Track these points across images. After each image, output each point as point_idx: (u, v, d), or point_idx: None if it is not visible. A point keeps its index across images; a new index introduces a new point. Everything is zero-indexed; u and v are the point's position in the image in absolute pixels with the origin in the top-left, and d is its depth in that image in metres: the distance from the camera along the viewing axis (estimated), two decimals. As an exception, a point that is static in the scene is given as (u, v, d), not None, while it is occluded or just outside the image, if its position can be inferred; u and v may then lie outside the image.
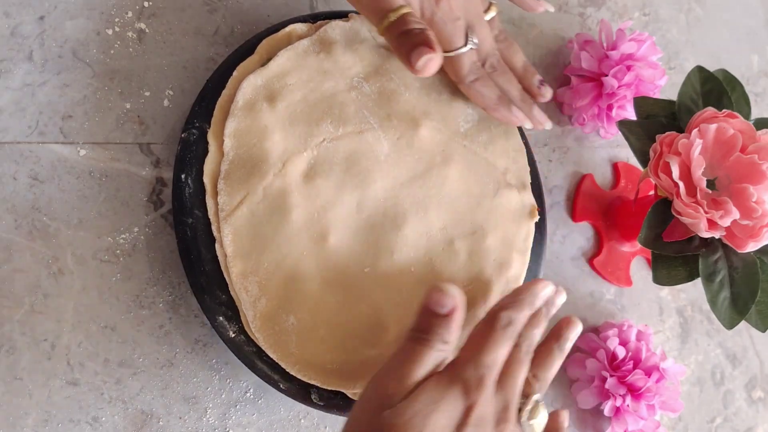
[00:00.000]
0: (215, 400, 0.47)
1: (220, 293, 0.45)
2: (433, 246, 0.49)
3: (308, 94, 0.48)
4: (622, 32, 0.58)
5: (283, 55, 0.48)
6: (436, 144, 0.50)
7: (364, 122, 0.49)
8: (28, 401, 0.43)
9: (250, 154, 0.46)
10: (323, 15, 0.52)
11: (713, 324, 0.65)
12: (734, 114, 0.50)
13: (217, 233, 0.45)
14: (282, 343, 0.45)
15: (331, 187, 0.47)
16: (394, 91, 0.50)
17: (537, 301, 0.43)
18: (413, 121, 0.50)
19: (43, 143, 0.46)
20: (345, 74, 0.49)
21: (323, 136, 0.48)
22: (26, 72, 0.46)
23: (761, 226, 0.48)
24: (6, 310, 0.44)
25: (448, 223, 0.49)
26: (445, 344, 0.38)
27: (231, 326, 0.45)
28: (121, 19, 0.49)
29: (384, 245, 0.47)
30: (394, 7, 0.42)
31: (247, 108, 0.47)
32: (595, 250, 0.61)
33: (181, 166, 0.46)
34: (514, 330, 0.40)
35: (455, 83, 0.51)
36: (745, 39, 0.73)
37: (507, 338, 0.40)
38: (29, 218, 0.45)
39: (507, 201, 0.51)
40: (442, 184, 0.50)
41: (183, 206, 0.45)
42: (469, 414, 0.36)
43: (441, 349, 0.38)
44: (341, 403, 0.46)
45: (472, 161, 0.51)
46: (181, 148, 0.46)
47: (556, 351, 0.44)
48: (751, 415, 0.65)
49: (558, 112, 0.62)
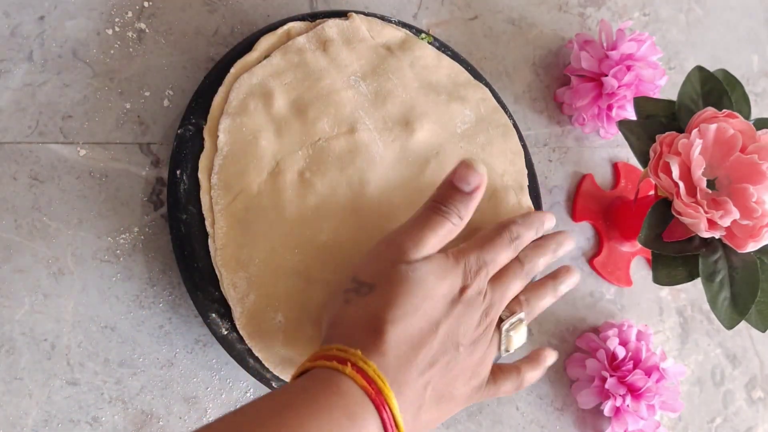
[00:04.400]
0: (215, 400, 0.47)
1: (213, 290, 0.45)
2: None
3: (304, 93, 0.48)
4: (622, 32, 0.58)
5: (278, 53, 0.48)
6: (432, 145, 0.50)
7: (360, 122, 0.48)
8: (28, 401, 0.43)
9: (245, 151, 0.46)
10: (323, 14, 0.52)
11: (713, 324, 0.65)
12: (734, 114, 0.50)
13: (211, 228, 0.45)
14: (268, 341, 0.45)
15: (325, 186, 0.47)
16: (392, 91, 0.50)
17: (543, 227, 0.46)
18: (409, 122, 0.49)
19: (43, 143, 0.46)
20: (342, 73, 0.49)
21: (318, 135, 0.47)
22: (26, 72, 0.46)
23: (761, 226, 0.48)
24: (6, 310, 0.44)
25: None
26: (460, 220, 0.40)
27: (223, 323, 0.45)
28: (121, 19, 0.49)
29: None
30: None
31: (242, 105, 0.46)
32: (595, 250, 0.61)
33: (177, 163, 0.46)
34: (518, 243, 0.43)
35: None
36: (745, 39, 0.73)
37: (509, 247, 0.42)
38: (29, 218, 0.45)
39: (503, 202, 0.51)
40: (436, 185, 0.49)
41: (178, 202, 0.45)
42: (463, 292, 0.39)
43: (455, 223, 0.40)
44: None
45: None
46: (176, 145, 0.46)
47: (550, 287, 0.46)
48: (751, 415, 0.65)
49: (558, 112, 0.62)
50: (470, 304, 0.39)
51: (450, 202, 0.40)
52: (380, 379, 0.34)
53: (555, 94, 0.62)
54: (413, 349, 0.37)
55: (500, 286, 0.42)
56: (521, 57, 0.61)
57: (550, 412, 0.57)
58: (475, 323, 0.39)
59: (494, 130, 0.52)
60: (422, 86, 0.51)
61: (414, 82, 0.51)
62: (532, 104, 0.61)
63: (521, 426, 0.56)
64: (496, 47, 0.61)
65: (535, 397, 0.57)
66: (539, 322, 0.58)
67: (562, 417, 0.57)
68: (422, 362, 0.37)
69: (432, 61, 0.52)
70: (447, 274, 0.39)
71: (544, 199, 0.60)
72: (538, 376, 0.45)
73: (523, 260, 0.43)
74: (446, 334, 0.38)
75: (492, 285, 0.41)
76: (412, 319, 0.37)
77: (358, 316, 0.37)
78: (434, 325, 0.38)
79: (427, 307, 0.37)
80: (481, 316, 0.40)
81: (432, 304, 0.38)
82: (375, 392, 0.34)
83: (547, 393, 0.57)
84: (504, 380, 0.43)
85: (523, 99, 0.61)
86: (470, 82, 0.53)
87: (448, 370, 0.38)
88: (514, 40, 0.61)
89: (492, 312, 0.41)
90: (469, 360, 0.39)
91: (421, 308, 0.37)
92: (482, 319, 0.40)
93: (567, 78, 0.61)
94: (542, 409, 0.57)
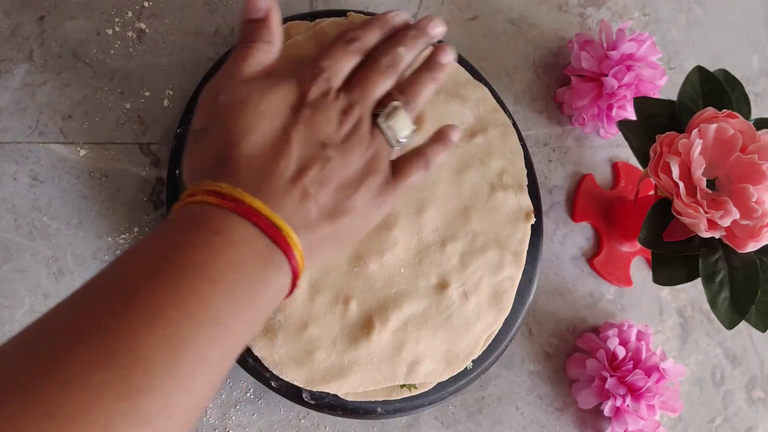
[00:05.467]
0: (215, 400, 0.47)
1: None
2: (425, 248, 0.48)
3: None
4: (622, 32, 0.58)
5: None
6: None
7: None
8: (28, 401, 0.43)
9: None
10: (322, 14, 0.52)
11: (713, 324, 0.65)
12: (734, 114, 0.50)
13: None
14: (268, 340, 0.45)
15: None
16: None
17: (387, 25, 0.43)
18: None
19: (43, 143, 0.46)
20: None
21: None
22: (26, 72, 0.46)
23: (761, 226, 0.48)
24: (6, 310, 0.44)
25: (441, 224, 0.49)
26: (269, 44, 0.39)
27: None
28: (121, 19, 0.49)
29: (374, 246, 0.47)
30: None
31: None
32: (595, 250, 0.61)
33: (176, 162, 0.46)
34: (359, 45, 0.41)
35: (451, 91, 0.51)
36: (745, 39, 0.73)
37: (348, 50, 0.40)
38: (29, 218, 0.45)
39: (502, 203, 0.51)
40: (435, 185, 0.49)
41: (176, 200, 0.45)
42: (304, 97, 0.37)
43: (265, 49, 0.39)
44: (333, 402, 0.46)
45: (467, 163, 0.51)
46: (176, 144, 0.46)
47: (426, 70, 0.43)
48: (751, 415, 0.65)
49: (558, 112, 0.62)
50: (317, 105, 0.38)
51: (251, 33, 0.39)
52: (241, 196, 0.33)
53: (555, 94, 0.62)
54: (269, 160, 0.35)
55: (359, 86, 0.40)
56: (521, 57, 0.61)
57: (550, 412, 0.57)
58: (334, 123, 0.38)
59: (493, 129, 0.52)
60: None
61: None
62: (532, 104, 0.61)
63: (521, 426, 0.56)
64: (496, 47, 0.61)
65: (535, 397, 0.57)
66: (539, 322, 0.58)
67: (562, 417, 0.57)
68: (287, 170, 0.35)
69: None
70: (274, 87, 0.37)
71: (544, 199, 0.60)
72: (443, 152, 0.43)
73: (380, 57, 0.41)
74: (303, 138, 0.36)
75: (348, 87, 0.39)
76: (254, 136, 0.35)
77: (203, 161, 0.36)
78: (283, 132, 0.36)
79: (264, 120, 0.36)
80: (339, 116, 0.38)
81: (270, 116, 0.36)
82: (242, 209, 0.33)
83: (547, 393, 0.57)
84: (409, 166, 0.41)
85: (523, 99, 0.61)
86: (469, 81, 0.53)
87: (326, 174, 0.36)
88: (514, 40, 0.61)
89: (355, 110, 0.39)
90: (346, 159, 0.37)
91: (258, 123, 0.36)
92: (342, 117, 0.38)
93: (567, 78, 0.61)
94: (542, 409, 0.57)
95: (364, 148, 0.38)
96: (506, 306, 0.50)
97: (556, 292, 0.59)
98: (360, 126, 0.39)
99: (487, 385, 0.55)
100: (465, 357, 0.48)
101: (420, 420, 0.52)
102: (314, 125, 0.37)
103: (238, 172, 0.34)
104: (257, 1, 0.39)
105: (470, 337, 0.48)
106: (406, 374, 0.46)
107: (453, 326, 0.47)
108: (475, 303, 0.48)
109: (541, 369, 0.57)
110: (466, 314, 0.48)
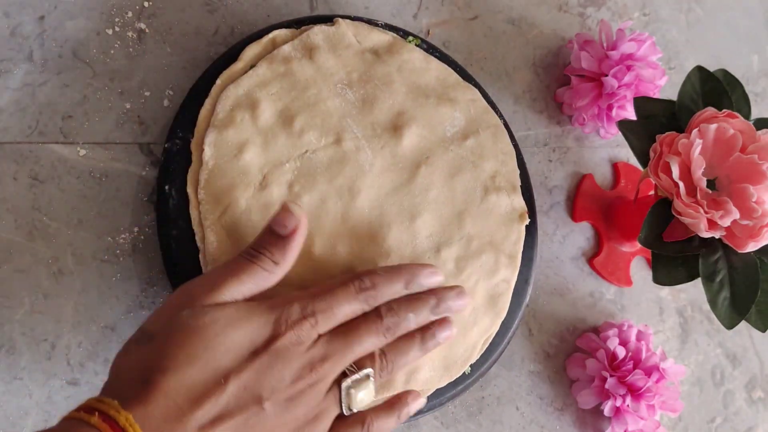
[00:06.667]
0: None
1: None
2: (420, 254, 0.47)
3: (290, 103, 0.47)
4: (622, 32, 0.58)
5: (264, 63, 0.48)
6: (422, 150, 0.49)
7: (348, 131, 0.48)
8: (28, 401, 0.43)
9: (231, 165, 0.45)
10: (308, 20, 0.51)
11: (713, 324, 0.65)
12: (734, 114, 0.50)
13: (201, 243, 0.45)
14: None
15: (314, 198, 0.46)
16: (379, 97, 0.49)
17: (415, 284, 0.41)
18: (398, 128, 0.49)
19: (43, 143, 0.46)
20: (328, 81, 0.48)
21: (305, 147, 0.47)
22: (26, 72, 0.46)
23: (761, 226, 0.48)
24: (6, 310, 0.44)
25: (434, 230, 0.48)
26: (274, 265, 0.37)
27: None
28: (121, 19, 0.49)
29: (368, 254, 0.46)
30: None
31: (228, 118, 0.46)
32: (595, 250, 0.61)
33: (165, 177, 0.46)
34: (371, 294, 0.39)
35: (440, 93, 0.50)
36: (745, 39, 0.73)
37: (356, 298, 0.38)
38: (29, 218, 0.45)
39: (496, 205, 0.50)
40: (427, 190, 0.49)
41: (167, 217, 0.45)
42: (272, 342, 0.35)
43: (267, 269, 0.37)
44: None
45: (459, 166, 0.50)
46: (164, 159, 0.46)
47: (417, 340, 0.41)
48: (751, 415, 0.65)
49: (558, 112, 0.62)
50: (281, 355, 0.35)
51: (263, 246, 0.37)
52: (132, 429, 0.31)
53: (555, 94, 0.62)
54: (192, 401, 0.33)
55: (343, 339, 0.37)
56: (521, 57, 0.61)
57: (550, 412, 0.57)
58: (289, 377, 0.35)
59: (484, 131, 0.52)
60: (410, 90, 0.50)
61: (402, 87, 0.50)
62: (532, 104, 0.61)
63: (521, 426, 0.56)
64: (496, 47, 0.61)
65: (535, 397, 0.57)
66: (539, 322, 0.58)
67: (562, 417, 0.57)
68: (204, 416, 0.33)
69: (420, 63, 0.51)
70: (245, 323, 0.35)
71: (545, 199, 0.60)
72: (392, 424, 0.40)
73: (384, 314, 0.39)
74: (241, 388, 0.34)
75: (331, 337, 0.37)
76: (190, 370, 0.33)
77: (132, 367, 0.34)
78: (221, 376, 0.34)
79: (210, 357, 0.34)
80: (302, 370, 0.36)
81: (220, 354, 0.34)
82: None
83: (547, 393, 0.57)
84: None
85: (523, 99, 0.61)
86: (459, 83, 0.53)
87: (248, 428, 0.34)
88: (514, 40, 0.61)
89: (325, 366, 0.36)
90: (282, 418, 0.35)
91: (201, 358, 0.33)
92: (304, 372, 0.36)
93: (567, 78, 0.61)
94: (542, 409, 0.57)
95: (310, 408, 0.36)
96: (503, 309, 0.50)
97: (556, 292, 0.59)
98: (320, 384, 0.36)
99: (487, 386, 0.55)
100: (463, 362, 0.48)
101: (420, 420, 0.52)
102: (264, 375, 0.35)
103: (151, 403, 0.32)
104: (289, 217, 0.37)
105: (468, 341, 0.48)
106: (404, 382, 0.45)
107: None
108: (471, 307, 0.48)
109: (541, 369, 0.57)
110: (463, 319, 0.48)
